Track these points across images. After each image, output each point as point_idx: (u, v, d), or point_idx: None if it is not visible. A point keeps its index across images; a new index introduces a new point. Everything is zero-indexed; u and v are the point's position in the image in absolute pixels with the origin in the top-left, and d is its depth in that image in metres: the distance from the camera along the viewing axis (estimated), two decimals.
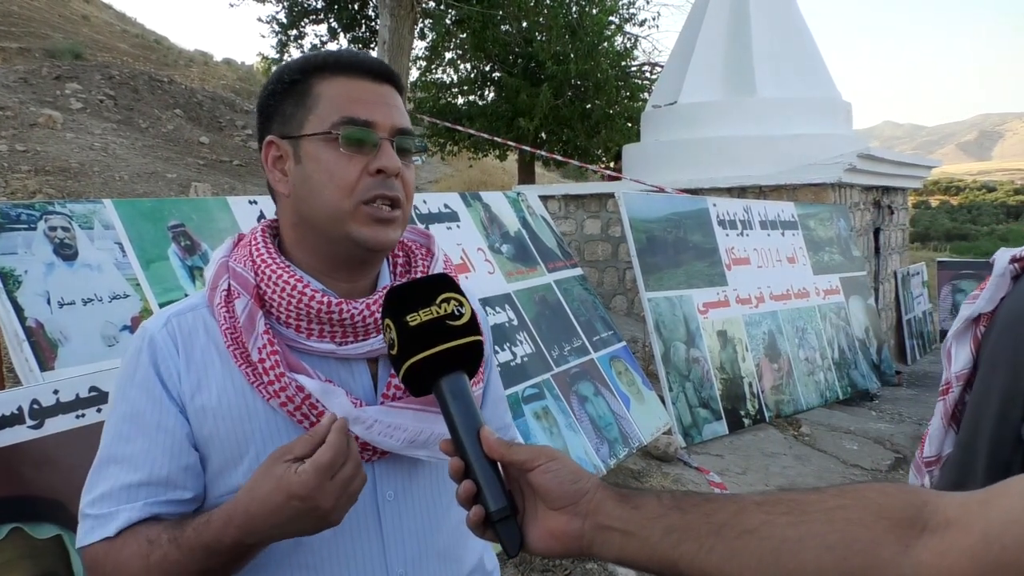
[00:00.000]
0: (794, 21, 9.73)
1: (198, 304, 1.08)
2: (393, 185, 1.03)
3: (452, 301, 0.93)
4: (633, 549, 0.79)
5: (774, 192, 8.08)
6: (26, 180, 8.62)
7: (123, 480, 0.99)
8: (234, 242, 1.14)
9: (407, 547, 1.07)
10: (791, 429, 5.70)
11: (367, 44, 16.44)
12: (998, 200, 51.21)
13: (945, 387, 1.33)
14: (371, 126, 1.03)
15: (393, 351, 0.91)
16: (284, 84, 1.07)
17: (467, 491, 0.84)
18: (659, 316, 5.23)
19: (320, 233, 1.05)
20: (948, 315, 11.17)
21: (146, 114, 12.82)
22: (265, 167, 1.09)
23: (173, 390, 1.02)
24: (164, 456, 1.00)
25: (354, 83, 1.04)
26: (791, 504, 0.75)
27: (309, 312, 1.03)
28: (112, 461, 1.01)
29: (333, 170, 1.02)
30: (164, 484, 1.00)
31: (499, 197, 4.86)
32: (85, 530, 1.00)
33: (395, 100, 1.07)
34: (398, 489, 1.08)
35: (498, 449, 0.84)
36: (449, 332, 0.91)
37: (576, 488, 0.82)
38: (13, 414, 1.83)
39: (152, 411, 1.01)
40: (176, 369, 1.02)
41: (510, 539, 0.83)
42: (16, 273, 2.38)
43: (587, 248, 8.80)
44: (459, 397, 0.89)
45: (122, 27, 22.94)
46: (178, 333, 1.04)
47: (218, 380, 1.03)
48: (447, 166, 19.42)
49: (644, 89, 16.89)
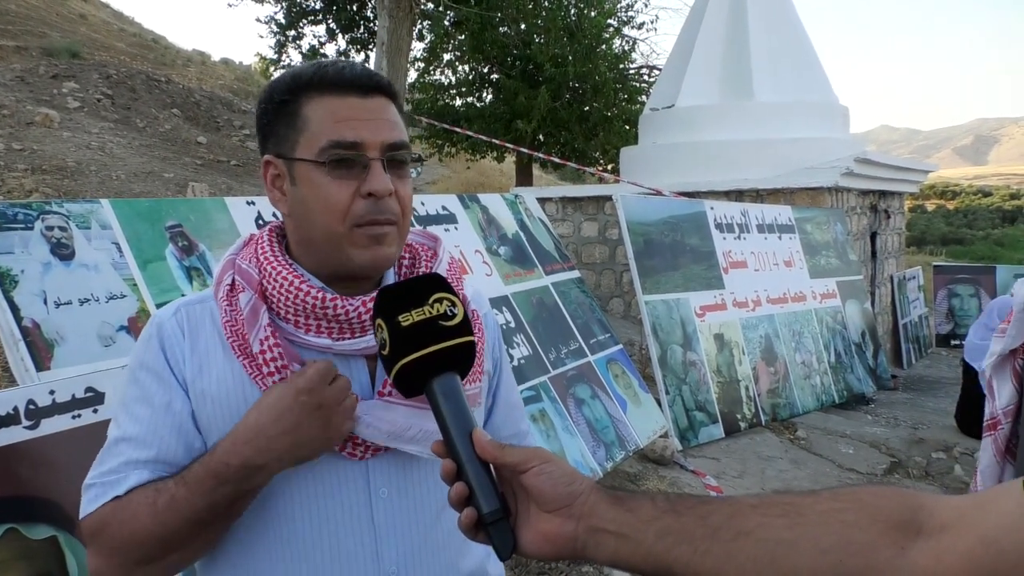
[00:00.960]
0: (791, 25, 9.75)
1: (208, 297, 1.12)
2: (386, 206, 1.03)
3: (445, 301, 0.92)
4: (627, 552, 0.78)
5: (771, 196, 8.09)
6: (22, 179, 8.60)
7: (132, 456, 1.01)
8: (244, 242, 1.17)
9: (400, 545, 1.07)
10: (787, 433, 5.70)
11: (365, 45, 16.45)
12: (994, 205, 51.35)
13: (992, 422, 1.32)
14: (359, 147, 1.02)
15: (385, 351, 0.91)
16: (274, 104, 1.07)
17: (459, 493, 0.84)
18: (656, 319, 5.23)
19: (321, 251, 1.07)
20: (944, 319, 11.20)
21: (143, 113, 12.80)
22: (265, 185, 1.11)
23: (179, 373, 1.05)
24: (172, 436, 1.03)
25: (340, 101, 1.04)
26: (786, 506, 0.74)
27: (305, 307, 1.04)
28: (122, 439, 1.03)
29: (325, 195, 1.03)
30: (171, 463, 1.02)
31: (497, 199, 4.86)
32: (91, 497, 1.01)
33: (386, 112, 1.06)
34: (392, 486, 1.08)
35: (490, 451, 0.84)
36: (441, 333, 0.90)
37: (570, 490, 0.81)
38: (9, 414, 1.82)
39: (161, 393, 1.04)
40: (182, 353, 1.06)
41: (502, 542, 0.82)
42: (12, 272, 2.37)
43: (584, 250, 8.80)
44: (451, 398, 0.88)
45: (120, 26, 22.90)
46: (186, 321, 1.08)
47: (218, 368, 1.06)
48: (444, 167, 19.42)
49: (642, 92, 16.92)
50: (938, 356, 10.54)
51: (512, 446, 0.86)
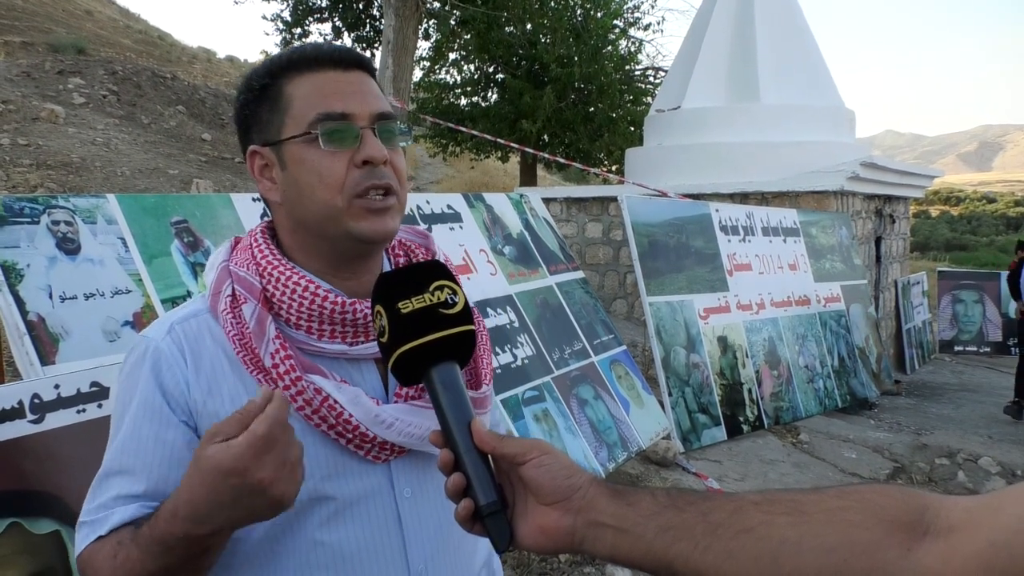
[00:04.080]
0: (798, 28, 9.74)
1: (200, 310, 1.05)
2: (383, 173, 1.01)
3: (446, 289, 0.90)
4: (626, 547, 0.77)
5: (776, 199, 8.08)
6: (28, 174, 8.61)
7: (123, 491, 0.98)
8: (231, 245, 1.11)
9: (426, 543, 1.07)
10: (790, 436, 5.69)
11: (371, 44, 16.45)
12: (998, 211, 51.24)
13: None
14: (349, 117, 1.00)
15: (383, 338, 0.89)
16: (255, 91, 1.05)
17: (456, 484, 0.82)
18: (660, 321, 5.23)
19: (318, 234, 1.03)
20: (948, 325, 11.17)
21: (148, 110, 12.82)
22: (253, 177, 1.08)
23: (179, 400, 0.99)
24: (164, 468, 0.97)
25: (323, 76, 1.02)
26: (790, 504, 0.73)
27: (322, 313, 1.01)
28: (112, 473, 0.99)
29: (319, 170, 0.99)
30: (163, 495, 0.97)
31: (502, 199, 4.85)
32: (82, 536, 0.99)
33: (368, 86, 1.04)
34: (415, 486, 1.08)
35: (489, 442, 0.82)
36: (442, 320, 0.88)
37: (569, 483, 0.80)
38: (14, 408, 1.82)
39: (151, 424, 0.98)
40: (184, 377, 0.99)
41: (499, 534, 0.81)
42: (18, 267, 2.37)
43: (588, 251, 8.79)
44: (450, 388, 0.87)
45: (125, 23, 22.94)
46: (184, 340, 1.01)
47: (230, 387, 1.00)
48: (449, 167, 19.43)
49: (648, 93, 16.90)
50: (941, 362, 10.52)
51: (511, 437, 0.85)
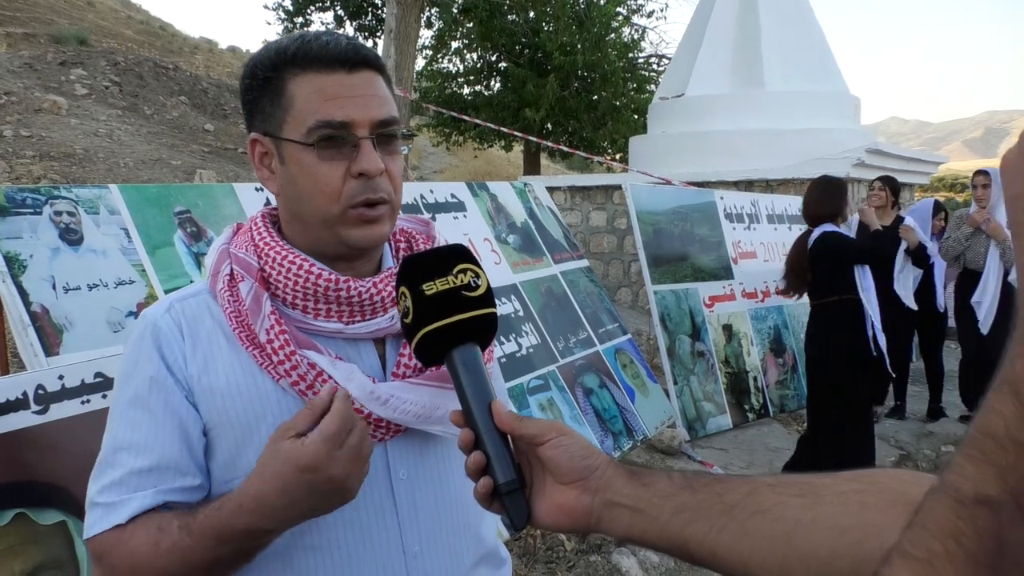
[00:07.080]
0: (803, 14, 9.67)
1: (200, 290, 1.07)
2: (378, 186, 1.01)
3: (469, 272, 0.92)
4: (642, 527, 0.78)
5: (781, 186, 8.05)
6: (30, 165, 8.61)
7: (133, 466, 0.98)
8: (233, 230, 1.13)
9: (422, 525, 1.07)
10: (795, 424, 5.68)
11: (373, 32, 16.41)
12: None
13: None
14: (348, 126, 1.00)
15: (407, 319, 0.91)
16: (258, 81, 1.04)
17: (476, 463, 0.84)
18: (665, 309, 5.21)
19: (314, 229, 1.05)
20: (954, 313, 11.11)
21: (151, 101, 12.80)
22: (252, 163, 1.09)
23: (178, 374, 1.00)
24: (172, 439, 0.99)
25: (326, 78, 1.00)
26: (804, 486, 0.74)
27: (316, 291, 1.02)
28: (120, 448, 0.99)
29: (316, 176, 1.00)
30: (174, 469, 0.99)
31: (506, 187, 4.83)
32: (94, 519, 0.98)
33: (374, 87, 1.03)
34: (411, 468, 1.08)
35: (509, 422, 0.84)
36: (464, 303, 0.90)
37: (586, 464, 0.82)
38: (18, 399, 1.82)
39: (157, 396, 1.00)
40: (181, 352, 1.01)
41: (517, 512, 0.83)
42: (21, 257, 2.36)
43: (592, 240, 8.77)
44: (471, 369, 0.88)
45: (127, 13, 22.89)
46: (182, 317, 1.03)
47: (225, 362, 1.02)
48: (452, 156, 19.40)
49: (651, 81, 16.85)
50: (947, 349, 10.48)
51: (530, 418, 0.86)
